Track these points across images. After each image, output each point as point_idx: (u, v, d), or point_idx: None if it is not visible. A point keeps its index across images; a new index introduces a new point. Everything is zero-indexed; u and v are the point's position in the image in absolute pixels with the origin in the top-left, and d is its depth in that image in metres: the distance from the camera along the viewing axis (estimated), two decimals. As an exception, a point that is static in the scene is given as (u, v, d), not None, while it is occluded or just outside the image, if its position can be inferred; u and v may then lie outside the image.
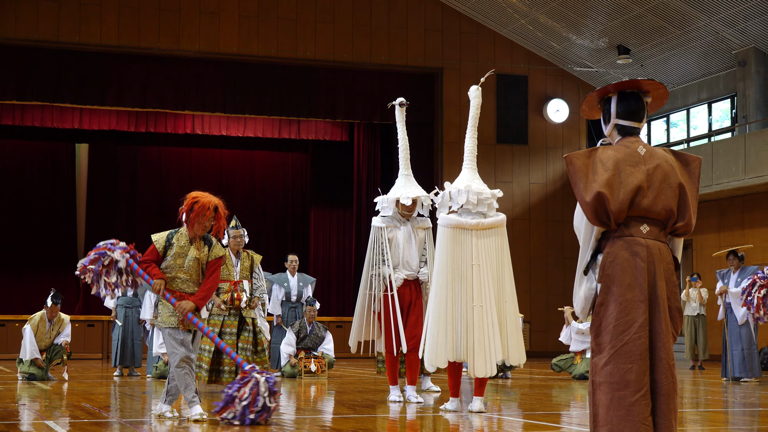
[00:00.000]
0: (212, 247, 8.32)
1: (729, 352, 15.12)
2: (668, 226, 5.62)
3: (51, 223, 27.13)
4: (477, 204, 9.29)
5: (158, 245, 8.20)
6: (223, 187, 27.97)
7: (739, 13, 22.15)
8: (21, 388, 12.61)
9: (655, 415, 5.43)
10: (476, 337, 8.86)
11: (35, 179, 27.06)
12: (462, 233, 9.17)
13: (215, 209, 8.23)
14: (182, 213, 8.23)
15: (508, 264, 9.43)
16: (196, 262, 8.19)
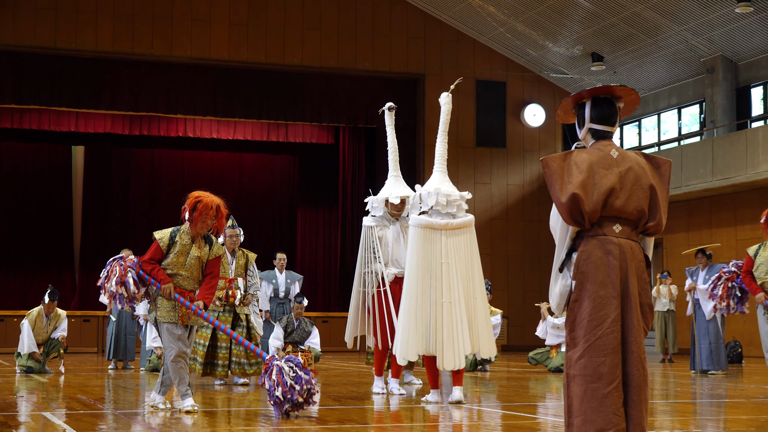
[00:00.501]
0: (213, 246, 8.31)
1: (697, 346, 15.17)
2: (640, 226, 5.64)
3: (48, 222, 27.06)
4: (446, 205, 9.35)
5: (162, 243, 8.15)
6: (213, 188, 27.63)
7: (707, 22, 22.22)
8: (19, 381, 12.58)
9: (626, 406, 5.44)
10: (445, 331, 8.93)
11: (33, 180, 26.98)
12: (432, 233, 9.24)
13: (217, 208, 8.22)
14: (185, 212, 8.20)
15: (478, 262, 9.45)
16: (197, 261, 8.17)
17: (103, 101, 24.26)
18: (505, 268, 26.19)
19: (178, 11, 24.20)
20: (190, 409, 7.96)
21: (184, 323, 8.08)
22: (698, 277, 15.37)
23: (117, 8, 23.78)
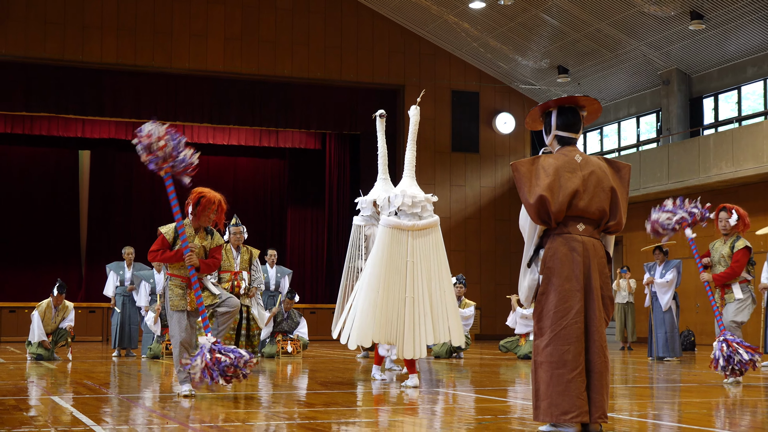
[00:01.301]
0: (213, 236, 8.33)
1: (654, 335, 15.23)
2: (601, 225, 5.66)
3: (56, 221, 27.00)
4: (412, 206, 9.36)
5: (167, 236, 8.14)
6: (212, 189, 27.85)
7: (664, 38, 22.30)
8: (30, 367, 12.53)
9: (589, 390, 5.46)
10: (406, 324, 8.97)
11: (42, 182, 26.94)
12: (399, 233, 9.26)
13: (218, 203, 8.24)
14: (188, 206, 8.19)
15: (444, 259, 9.45)
16: (201, 250, 8.17)
17: (107, 109, 24.22)
18: (478, 264, 26.23)
19: (177, 26, 24.17)
20: (187, 394, 7.94)
21: (194, 308, 8.07)
22: (655, 271, 15.43)
23: (120, 23, 23.74)
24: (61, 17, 23.34)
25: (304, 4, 25.20)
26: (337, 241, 26.64)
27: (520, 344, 15.62)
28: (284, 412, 6.92)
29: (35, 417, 6.64)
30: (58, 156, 27.22)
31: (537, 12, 23.03)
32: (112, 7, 23.68)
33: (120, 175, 27.58)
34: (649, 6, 21.12)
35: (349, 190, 26.76)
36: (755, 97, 22.18)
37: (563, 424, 5.44)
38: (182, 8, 24.27)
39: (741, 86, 22.43)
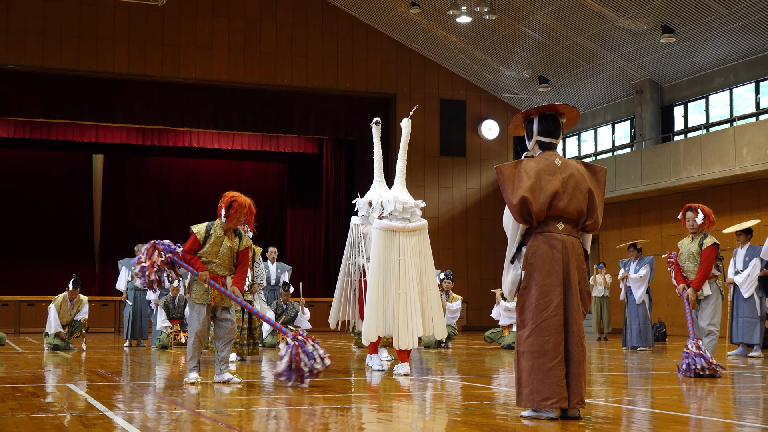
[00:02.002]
0: (242, 238, 8.29)
1: (628, 327, 15.24)
2: (579, 224, 5.67)
3: (72, 220, 27.00)
4: (402, 211, 9.53)
5: (199, 236, 8.11)
6: (214, 191, 27.85)
7: (637, 51, 22.33)
8: (47, 357, 12.52)
9: (568, 378, 5.47)
10: (401, 317, 9.11)
11: (58, 184, 26.92)
12: (391, 234, 9.43)
13: (249, 207, 8.23)
14: (221, 209, 8.16)
15: (430, 259, 9.64)
16: (229, 251, 8.15)
17: (119, 116, 24.22)
18: (465, 260, 26.24)
19: (185, 39, 24.15)
20: (194, 381, 7.93)
21: (216, 304, 8.06)
22: (630, 267, 15.44)
23: (131, 36, 23.72)
24: (77, 30, 23.32)
25: (303, 18, 25.20)
26: (334, 239, 26.64)
27: (503, 335, 15.62)
28: (284, 399, 6.92)
29: (52, 403, 6.64)
30: (73, 160, 27.20)
31: (519, 26, 23.05)
32: (123, 21, 23.65)
33: (131, 177, 27.58)
34: (624, 21, 21.16)
35: (345, 192, 26.76)
36: (722, 106, 22.22)
37: (544, 410, 5.45)
38: (189, 22, 24.25)
39: (709, 95, 22.46)
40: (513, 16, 22.70)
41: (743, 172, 19.60)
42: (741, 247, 13.61)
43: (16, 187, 26.45)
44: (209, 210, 28.13)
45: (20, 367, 10.53)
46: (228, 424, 5.43)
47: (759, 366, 10.93)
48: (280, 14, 25.02)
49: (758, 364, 11.36)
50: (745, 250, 13.54)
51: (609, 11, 21.01)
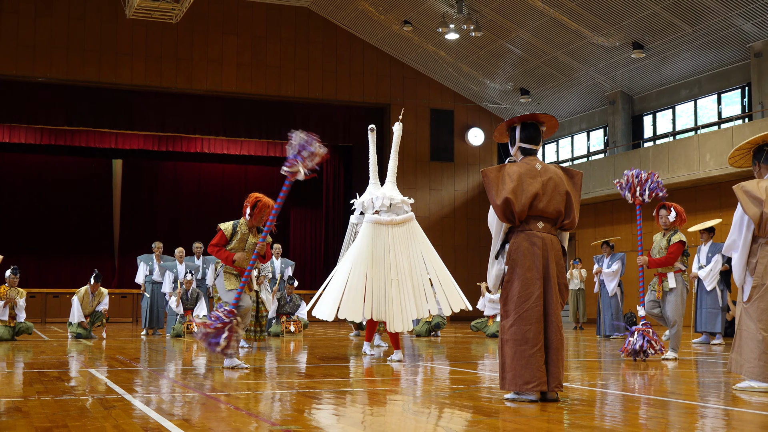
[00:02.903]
0: (265, 237, 8.30)
1: (602, 316, 15.26)
2: (558, 223, 5.67)
3: (93, 220, 26.98)
4: (390, 207, 9.67)
5: (226, 232, 8.17)
6: (224, 193, 27.91)
7: (610, 65, 22.37)
8: (70, 344, 12.50)
9: (547, 364, 5.47)
10: (394, 302, 9.10)
11: (81, 187, 26.90)
12: (380, 227, 9.49)
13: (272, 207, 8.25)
14: (246, 208, 8.21)
15: (424, 245, 9.61)
16: (253, 246, 8.17)
17: (136, 124, 24.24)
18: (453, 256, 26.25)
19: (197, 53, 24.15)
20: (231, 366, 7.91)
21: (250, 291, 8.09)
22: (603, 263, 15.47)
23: (148, 51, 23.71)
24: (98, 46, 23.31)
25: (305, 36, 25.20)
26: (333, 236, 26.64)
27: (488, 324, 15.64)
28: (287, 383, 6.92)
29: (75, 387, 6.63)
30: (94, 164, 27.18)
31: (503, 42, 23.07)
32: (140, 37, 23.65)
33: (147, 180, 27.57)
34: (598, 38, 21.19)
35: (343, 193, 26.79)
36: (687, 115, 22.27)
37: (525, 392, 5.46)
38: (200, 38, 24.25)
39: (675, 106, 22.51)
40: (497, 34, 22.72)
41: (707, 176, 19.65)
42: (704, 244, 13.65)
43: (42, 189, 26.44)
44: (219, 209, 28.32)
45: (46, 353, 10.52)
46: (236, 406, 5.43)
47: (720, 352, 10.95)
48: (284, 31, 25.02)
49: (720, 350, 11.38)
50: (708, 246, 13.57)
51: (584, 29, 21.05)
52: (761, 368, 6.13)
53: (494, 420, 4.80)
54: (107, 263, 26.64)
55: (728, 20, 18.90)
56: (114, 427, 4.51)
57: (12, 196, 26.15)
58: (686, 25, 19.54)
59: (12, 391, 6.37)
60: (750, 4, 18.15)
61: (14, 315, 13.78)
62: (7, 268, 14.19)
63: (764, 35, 19.12)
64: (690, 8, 18.91)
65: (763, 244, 6.29)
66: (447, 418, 4.89)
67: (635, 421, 4.88)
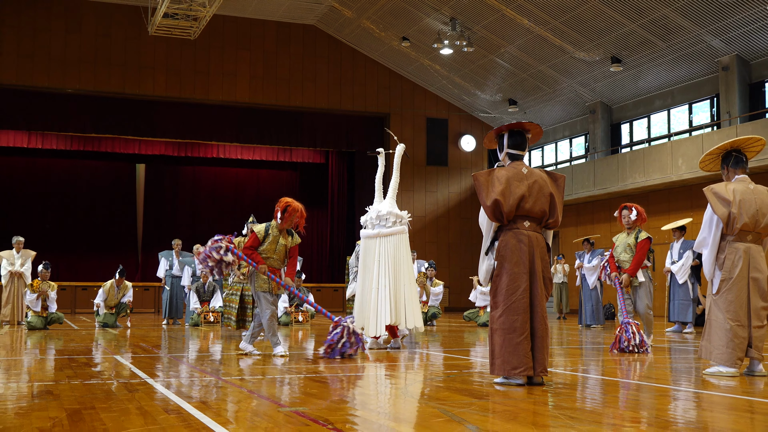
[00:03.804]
0: (293, 236, 8.29)
1: (583, 307, 15.27)
2: (543, 222, 5.67)
3: (119, 219, 27.00)
4: (377, 219, 9.25)
5: (259, 234, 8.11)
6: (237, 194, 27.91)
7: (591, 77, 22.37)
8: (97, 333, 12.51)
9: (533, 351, 5.47)
10: (371, 309, 8.83)
11: (107, 189, 26.93)
12: (370, 241, 9.16)
13: (301, 211, 8.22)
14: (278, 212, 8.15)
15: (406, 258, 9.12)
16: (284, 247, 8.15)
17: (158, 131, 24.24)
18: (447, 252, 26.26)
19: (213, 67, 24.15)
20: (283, 353, 7.89)
21: (275, 292, 8.05)
22: (584, 258, 15.48)
23: (169, 64, 23.72)
24: (122, 60, 23.31)
25: (312, 51, 25.20)
26: (338, 234, 26.67)
27: (479, 314, 15.64)
28: (296, 368, 6.92)
29: (102, 371, 6.63)
30: (119, 168, 27.19)
31: (492, 57, 23.07)
32: (161, 52, 23.65)
33: (168, 182, 27.57)
34: (579, 53, 21.18)
35: (347, 195, 26.83)
36: (661, 124, 22.26)
37: (513, 377, 5.46)
38: (217, 53, 24.25)
39: (650, 115, 22.50)
40: (487, 49, 22.72)
41: (679, 179, 19.65)
42: (676, 242, 13.65)
43: (72, 191, 26.47)
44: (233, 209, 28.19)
45: (75, 341, 10.52)
46: (249, 389, 5.43)
47: (692, 340, 10.95)
48: (293, 47, 25.02)
49: (691, 338, 11.39)
50: (680, 243, 13.58)
51: (567, 45, 21.04)
52: (729, 354, 6.14)
53: (485, 402, 4.80)
54: (131, 259, 26.65)
55: (698, 37, 18.90)
56: (137, 408, 4.51)
57: (44, 197, 26.17)
58: (660, 42, 19.53)
59: (44, 375, 6.37)
60: (718, 22, 18.16)
61: (46, 306, 13.79)
62: (40, 263, 14.21)
63: (731, 50, 19.13)
64: (663, 26, 18.91)
65: (730, 242, 6.29)
66: (442, 400, 4.89)
67: (614, 403, 4.88)
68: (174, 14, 20.01)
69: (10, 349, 9.32)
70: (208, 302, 15.17)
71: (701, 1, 17.61)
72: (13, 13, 22.55)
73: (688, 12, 18.15)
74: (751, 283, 6.22)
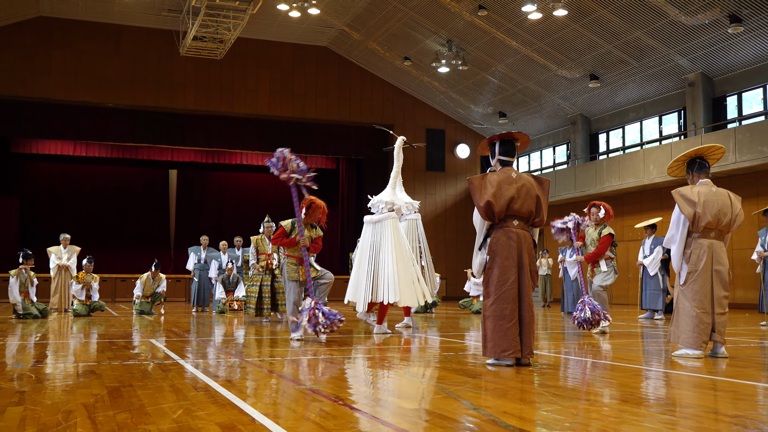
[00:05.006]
0: (316, 229, 8.44)
1: (565, 296, 15.24)
2: (530, 221, 5.66)
3: (154, 219, 27.03)
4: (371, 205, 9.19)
5: (286, 228, 8.31)
6: (257, 197, 27.92)
7: (572, 93, 22.35)
8: (135, 319, 12.52)
9: (521, 335, 5.46)
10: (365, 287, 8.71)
11: (143, 192, 26.97)
12: (366, 226, 9.05)
13: (323, 208, 8.33)
14: (302, 208, 8.21)
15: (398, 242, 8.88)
16: (309, 239, 8.25)
17: (188, 141, 24.27)
18: (444, 248, 26.25)
19: (237, 84, 24.18)
20: (298, 338, 7.89)
21: (304, 279, 8.07)
22: (566, 253, 15.44)
23: (198, 81, 23.75)
24: (157, 78, 23.35)
25: (324, 69, 25.20)
26: (347, 229, 26.65)
27: (473, 303, 15.63)
28: (311, 350, 6.92)
29: (139, 353, 6.63)
30: (154, 173, 27.24)
31: (484, 75, 23.05)
32: (191, 70, 23.68)
33: (197, 187, 27.61)
34: (561, 71, 21.16)
35: (355, 197, 26.82)
36: (634, 134, 22.22)
37: (503, 358, 5.45)
38: (240, 72, 24.27)
39: (625, 126, 22.47)
40: (479, 67, 22.70)
41: (650, 183, 19.61)
42: (648, 238, 13.64)
43: (112, 193, 26.53)
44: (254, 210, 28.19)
45: (115, 327, 10.53)
46: (269, 369, 5.43)
47: (662, 326, 10.93)
48: (308, 66, 25.03)
49: (661, 324, 11.36)
50: (651, 240, 13.57)
51: (551, 64, 21.02)
52: (694, 339, 6.12)
53: (478, 381, 4.79)
54: (164, 253, 26.69)
55: (667, 57, 18.86)
56: (170, 386, 4.51)
57: (88, 199, 26.23)
58: (633, 61, 19.50)
59: (88, 357, 6.38)
60: (685, 44, 18.12)
61: (90, 296, 13.82)
62: (84, 258, 14.23)
63: (696, 68, 19.09)
64: (636, 47, 18.88)
65: (696, 238, 6.28)
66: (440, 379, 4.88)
67: (592, 382, 4.86)
68: (202, 37, 20.04)
69: (58, 333, 9.34)
70: (232, 292, 15.18)
71: (670, 25, 17.58)
72: (62, 38, 22.61)
73: (658, 34, 18.11)
74: (714, 275, 6.21)
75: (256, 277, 11.73)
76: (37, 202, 25.73)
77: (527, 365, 5.48)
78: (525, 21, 19.28)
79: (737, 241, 17.49)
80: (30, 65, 22.27)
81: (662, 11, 17.12)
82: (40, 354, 6.61)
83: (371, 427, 3.29)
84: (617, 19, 18.01)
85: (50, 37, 22.51)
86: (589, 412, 3.69)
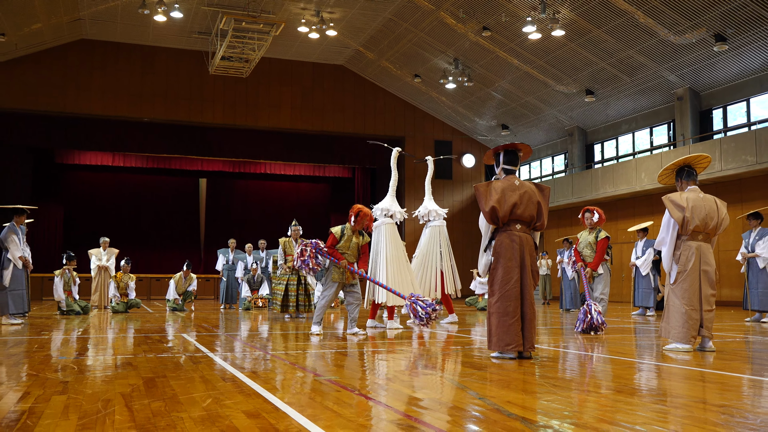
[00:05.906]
0: (363, 236, 8.30)
1: (563, 294, 15.19)
2: (531, 225, 5.64)
3: (185, 223, 27.15)
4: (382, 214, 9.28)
5: (336, 235, 8.11)
6: (280, 203, 27.97)
7: (569, 106, 22.27)
8: (168, 315, 12.56)
9: (523, 331, 5.44)
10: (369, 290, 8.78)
11: (176, 199, 27.10)
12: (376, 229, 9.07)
13: (370, 215, 8.21)
14: (351, 216, 8.13)
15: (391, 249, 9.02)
16: (356, 245, 8.15)
17: (216, 152, 24.35)
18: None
19: (261, 100, 24.24)
20: (318, 333, 7.91)
21: (349, 282, 8.04)
22: (564, 255, 15.39)
23: (225, 98, 23.82)
24: (188, 94, 23.44)
25: (341, 86, 25.23)
26: (362, 235, 26.65)
27: (478, 301, 15.60)
28: (328, 344, 6.92)
29: (172, 347, 6.65)
30: (185, 182, 27.37)
31: (488, 90, 23.02)
32: (219, 87, 23.76)
33: (225, 194, 27.73)
34: (559, 86, 21.09)
35: (369, 203, 26.77)
36: (627, 144, 22.11)
37: (506, 352, 5.42)
38: (264, 88, 24.33)
39: (618, 137, 22.37)
40: (484, 84, 22.67)
41: (642, 190, 19.51)
42: (640, 240, 13.56)
43: (147, 200, 26.67)
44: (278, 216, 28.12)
45: (150, 322, 10.57)
46: (291, 361, 5.43)
47: (653, 322, 10.85)
48: (326, 83, 25.07)
49: (653, 320, 11.28)
50: (643, 242, 13.49)
51: (549, 80, 20.96)
52: (684, 334, 6.08)
53: (483, 372, 4.77)
54: (195, 255, 26.78)
55: (657, 73, 18.78)
56: (200, 377, 4.52)
57: (125, 206, 26.39)
58: (626, 77, 19.42)
59: (125, 350, 6.41)
60: (673, 61, 18.04)
61: (127, 294, 13.88)
62: (122, 259, 14.31)
63: (685, 84, 18.99)
64: (629, 64, 18.80)
65: (684, 241, 6.24)
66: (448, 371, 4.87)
67: (589, 373, 4.84)
68: (230, 57, 20.13)
69: (98, 328, 9.38)
70: (257, 290, 15.21)
71: (659, 44, 17.50)
72: (102, 59, 22.77)
73: (649, 53, 18.04)
74: (702, 274, 6.17)
75: (283, 276, 11.74)
76: (79, 209, 25.91)
77: (529, 358, 5.45)
78: (525, 41, 19.26)
79: (723, 243, 17.36)
80: (73, 83, 22.45)
81: (653, 31, 17.06)
82: (81, 347, 6.65)
83: (385, 415, 3.29)
84: (611, 39, 17.95)
85: (91, 58, 22.69)
86: (586, 401, 3.67)
